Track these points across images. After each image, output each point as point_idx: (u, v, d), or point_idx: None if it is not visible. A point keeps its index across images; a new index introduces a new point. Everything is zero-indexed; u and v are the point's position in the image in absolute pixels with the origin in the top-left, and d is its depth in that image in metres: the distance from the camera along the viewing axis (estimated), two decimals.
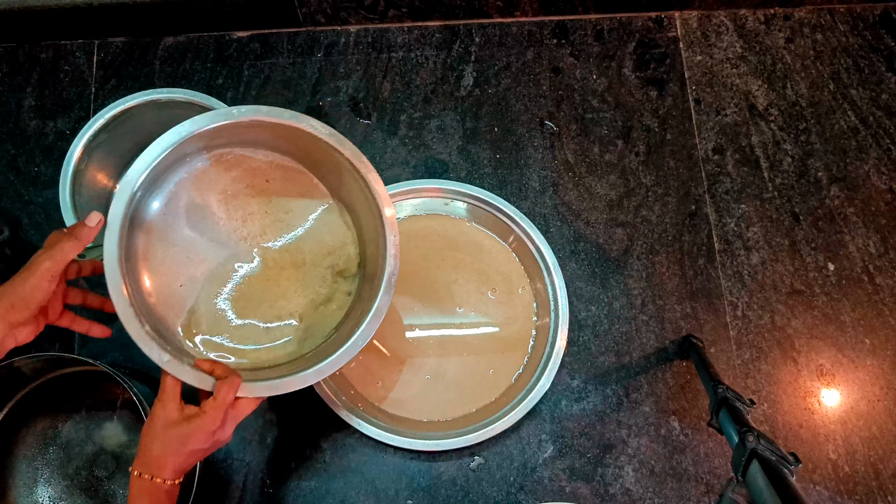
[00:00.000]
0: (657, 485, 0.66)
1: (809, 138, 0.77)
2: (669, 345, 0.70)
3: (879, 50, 0.81)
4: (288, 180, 0.61)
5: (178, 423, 0.48)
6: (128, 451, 0.65)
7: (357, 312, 0.59)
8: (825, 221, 0.75)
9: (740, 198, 0.75)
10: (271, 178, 0.61)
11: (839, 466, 0.67)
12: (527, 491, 0.66)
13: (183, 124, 0.52)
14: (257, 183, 0.60)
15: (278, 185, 0.61)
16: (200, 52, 0.78)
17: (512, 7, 0.79)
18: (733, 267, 0.73)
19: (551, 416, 0.68)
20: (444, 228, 0.73)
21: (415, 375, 0.68)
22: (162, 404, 0.49)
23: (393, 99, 0.77)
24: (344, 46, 0.79)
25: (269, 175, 0.61)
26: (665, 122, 0.77)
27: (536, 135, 0.76)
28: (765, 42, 0.81)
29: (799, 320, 0.71)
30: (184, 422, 0.48)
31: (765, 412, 0.69)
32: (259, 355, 0.59)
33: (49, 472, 0.65)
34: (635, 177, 0.75)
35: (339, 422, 0.65)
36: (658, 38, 0.80)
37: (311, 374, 0.54)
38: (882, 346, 0.71)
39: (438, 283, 0.71)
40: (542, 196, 0.74)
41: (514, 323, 0.70)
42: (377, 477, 0.66)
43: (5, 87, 0.76)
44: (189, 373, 0.50)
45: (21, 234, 0.72)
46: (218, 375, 0.51)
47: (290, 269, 0.61)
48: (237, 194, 0.60)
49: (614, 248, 0.73)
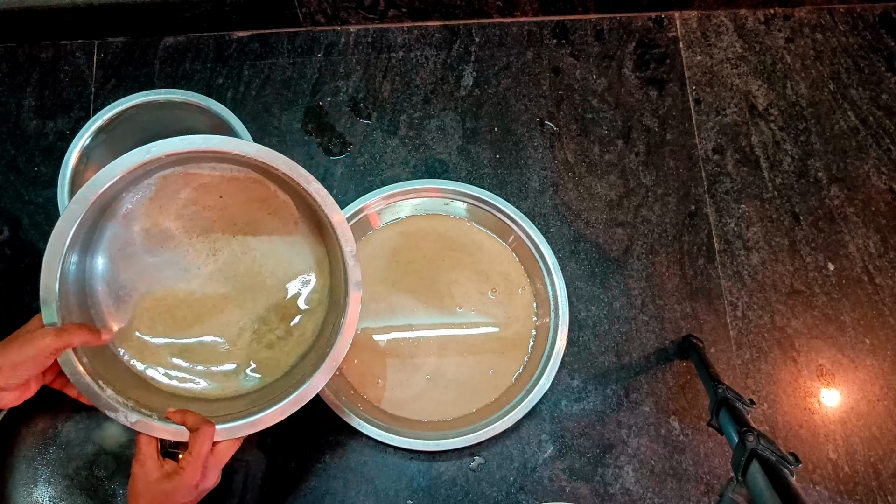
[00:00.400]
0: (657, 485, 0.66)
1: (809, 138, 0.77)
2: (669, 345, 0.70)
3: (879, 50, 0.81)
4: (244, 192, 0.59)
5: (159, 481, 0.48)
6: (128, 450, 0.65)
7: (329, 326, 0.58)
8: (825, 221, 0.75)
9: (740, 198, 0.75)
10: (225, 194, 0.59)
11: (839, 466, 0.67)
12: (527, 491, 0.66)
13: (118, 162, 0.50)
14: (211, 201, 0.58)
15: (234, 201, 0.59)
16: (200, 52, 0.78)
17: (512, 7, 0.79)
18: (733, 267, 0.73)
19: (551, 416, 0.68)
20: (445, 228, 0.73)
21: (415, 375, 0.68)
22: (140, 464, 0.49)
23: (393, 99, 0.77)
24: (344, 46, 0.79)
25: (222, 190, 0.58)
26: (665, 122, 0.77)
27: (536, 135, 0.76)
28: (765, 42, 0.81)
29: (799, 320, 0.71)
30: (164, 479, 0.48)
31: (765, 412, 0.69)
32: (227, 380, 0.59)
33: (49, 472, 0.65)
34: (635, 177, 0.75)
35: (339, 422, 0.65)
36: (658, 38, 0.80)
37: (288, 404, 0.53)
38: (882, 346, 0.71)
39: (438, 283, 0.71)
40: (542, 196, 0.74)
41: (514, 323, 0.70)
42: (377, 477, 0.66)
43: (5, 87, 0.76)
44: (160, 429, 0.50)
45: (21, 234, 0.72)
46: (190, 426, 0.50)
47: (255, 293, 0.60)
48: (193, 216, 0.58)
49: (614, 248, 0.73)
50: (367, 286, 0.70)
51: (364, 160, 0.75)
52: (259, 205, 0.60)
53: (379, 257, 0.71)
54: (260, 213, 0.60)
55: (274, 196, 0.60)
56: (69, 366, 0.49)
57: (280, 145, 0.76)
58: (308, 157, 0.75)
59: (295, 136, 0.76)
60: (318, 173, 0.75)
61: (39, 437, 0.66)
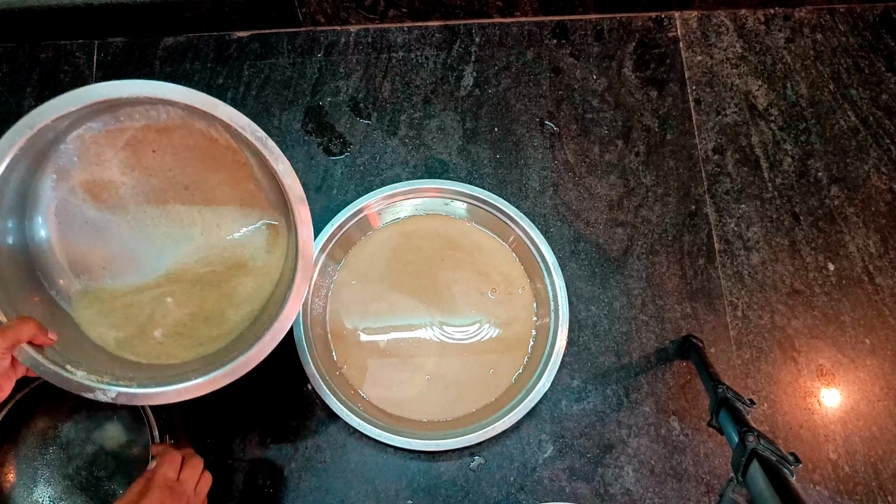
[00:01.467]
0: (657, 485, 0.66)
1: (809, 138, 0.77)
2: (669, 345, 0.70)
3: (879, 50, 0.81)
4: (180, 141, 0.55)
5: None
6: (128, 451, 0.65)
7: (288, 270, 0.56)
8: (825, 221, 0.75)
9: (740, 198, 0.75)
10: (159, 148, 0.55)
11: (839, 466, 0.67)
12: (527, 491, 0.66)
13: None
14: (148, 157, 0.55)
15: (172, 153, 0.56)
16: (200, 52, 0.78)
17: (512, 7, 0.79)
18: (733, 267, 0.73)
19: (551, 416, 0.68)
20: (444, 228, 0.73)
21: (415, 375, 0.68)
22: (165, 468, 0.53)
23: (393, 99, 0.77)
24: (344, 46, 0.79)
25: (157, 144, 0.55)
26: (665, 122, 0.77)
27: (536, 135, 0.76)
28: (765, 42, 0.81)
29: (799, 320, 0.71)
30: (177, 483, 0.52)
31: (765, 412, 0.69)
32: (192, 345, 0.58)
33: (49, 472, 0.65)
34: (635, 177, 0.75)
35: (340, 422, 0.65)
36: (658, 38, 0.80)
37: (269, 336, 0.52)
38: (882, 346, 0.71)
39: (438, 283, 0.71)
40: (542, 196, 0.74)
41: (514, 323, 0.70)
42: (377, 477, 0.66)
43: (5, 87, 0.76)
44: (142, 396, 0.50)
45: None
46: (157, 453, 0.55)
47: (210, 249, 0.58)
48: (133, 171, 0.55)
49: (614, 248, 0.73)
50: (367, 286, 0.70)
51: (364, 160, 0.75)
52: (198, 155, 0.57)
53: (379, 257, 0.71)
54: (202, 165, 0.57)
55: (217, 145, 0.57)
56: (29, 359, 0.48)
57: (280, 145, 0.75)
58: (308, 157, 0.75)
59: (295, 136, 0.76)
60: (318, 173, 0.75)
61: (39, 437, 0.66)
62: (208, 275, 0.59)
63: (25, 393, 0.66)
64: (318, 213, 0.73)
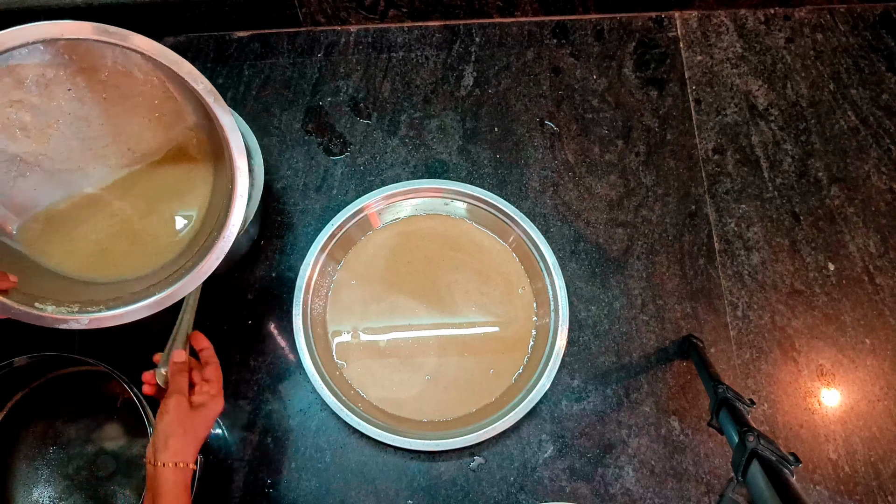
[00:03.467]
0: (657, 485, 0.66)
1: (809, 138, 0.77)
2: (669, 345, 0.70)
3: (879, 50, 0.81)
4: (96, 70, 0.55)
5: (190, 414, 0.51)
6: (128, 451, 0.65)
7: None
8: (825, 221, 0.75)
9: (740, 198, 0.75)
10: (75, 86, 0.56)
11: (839, 466, 0.67)
12: (527, 491, 0.66)
13: None
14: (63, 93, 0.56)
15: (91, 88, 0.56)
16: (200, 52, 0.78)
17: (512, 7, 0.79)
18: (733, 267, 0.73)
19: (551, 416, 0.68)
20: (444, 228, 0.73)
21: (415, 375, 0.68)
22: (175, 397, 0.52)
23: (393, 99, 0.77)
24: (344, 46, 0.79)
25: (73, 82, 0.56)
26: (665, 122, 0.77)
27: (536, 135, 0.76)
28: (765, 42, 0.81)
29: (799, 320, 0.71)
30: (196, 411, 0.52)
31: (765, 412, 0.69)
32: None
33: (49, 472, 0.65)
34: (635, 177, 0.75)
35: (340, 422, 0.65)
36: (658, 38, 0.80)
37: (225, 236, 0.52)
38: (882, 346, 0.71)
39: (438, 283, 0.71)
40: (542, 196, 0.74)
41: (514, 323, 0.70)
42: (377, 477, 0.66)
43: None
44: (109, 318, 0.51)
45: None
46: (204, 360, 0.53)
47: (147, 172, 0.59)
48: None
49: (614, 248, 0.73)
50: (367, 286, 0.70)
51: (364, 160, 0.75)
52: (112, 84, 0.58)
53: (379, 257, 0.71)
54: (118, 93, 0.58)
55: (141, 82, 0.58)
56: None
57: (280, 145, 0.76)
58: (308, 157, 0.75)
59: (295, 136, 0.76)
60: (318, 173, 0.75)
61: (39, 437, 0.66)
62: (143, 184, 0.60)
63: (25, 393, 0.66)
64: (318, 213, 0.73)
